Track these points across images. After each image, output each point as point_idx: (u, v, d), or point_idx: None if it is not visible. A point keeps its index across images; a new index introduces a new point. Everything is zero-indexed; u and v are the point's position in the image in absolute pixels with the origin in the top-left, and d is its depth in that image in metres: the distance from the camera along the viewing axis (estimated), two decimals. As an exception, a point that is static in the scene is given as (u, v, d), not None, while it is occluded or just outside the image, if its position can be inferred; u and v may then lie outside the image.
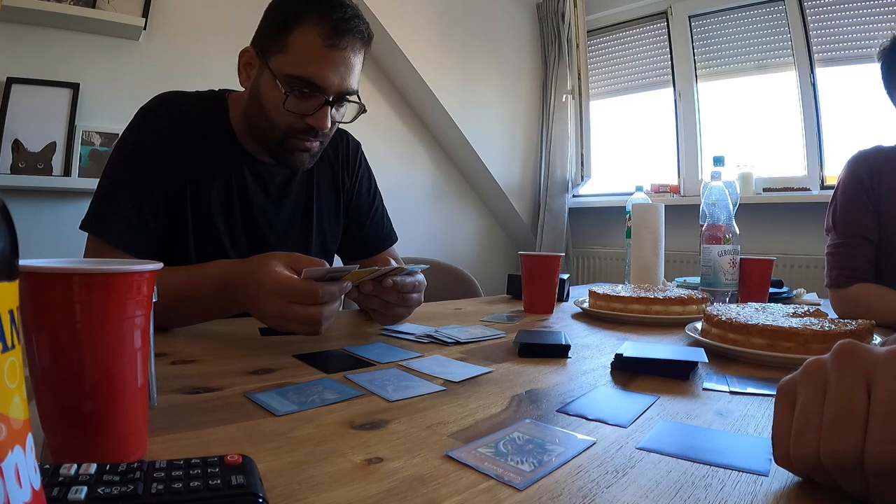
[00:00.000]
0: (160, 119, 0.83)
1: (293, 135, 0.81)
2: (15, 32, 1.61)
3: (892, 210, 1.04)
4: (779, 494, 0.30)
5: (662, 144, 2.79)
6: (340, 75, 0.78)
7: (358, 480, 0.30)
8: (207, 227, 0.85)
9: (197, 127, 0.84)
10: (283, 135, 0.81)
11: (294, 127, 0.80)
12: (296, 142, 0.81)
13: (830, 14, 2.27)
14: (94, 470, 0.25)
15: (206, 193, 0.84)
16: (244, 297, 0.65)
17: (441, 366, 0.57)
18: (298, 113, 0.79)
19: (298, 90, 0.77)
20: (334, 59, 0.77)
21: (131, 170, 0.79)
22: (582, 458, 0.34)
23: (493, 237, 3.08)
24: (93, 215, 0.77)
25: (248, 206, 0.89)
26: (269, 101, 0.79)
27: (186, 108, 0.85)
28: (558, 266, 1.00)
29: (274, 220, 0.92)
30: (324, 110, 0.79)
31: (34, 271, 0.28)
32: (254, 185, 0.89)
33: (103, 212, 0.77)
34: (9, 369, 0.17)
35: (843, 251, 1.06)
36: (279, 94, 0.77)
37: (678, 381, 0.53)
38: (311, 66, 0.76)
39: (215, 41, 1.98)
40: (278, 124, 0.80)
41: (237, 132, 0.87)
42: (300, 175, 0.95)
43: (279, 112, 0.78)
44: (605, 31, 3.00)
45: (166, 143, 0.81)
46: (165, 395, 0.44)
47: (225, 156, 0.86)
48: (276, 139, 0.82)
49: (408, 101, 2.64)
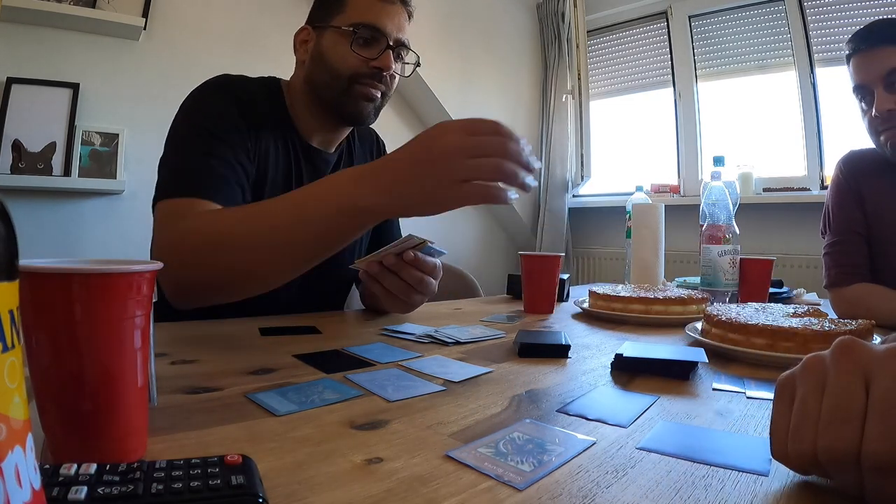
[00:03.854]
0: (231, 93, 0.84)
1: (358, 79, 0.86)
2: (15, 32, 1.61)
3: (876, 210, 1.04)
4: (779, 494, 0.30)
5: (662, 144, 2.79)
6: (396, 24, 0.87)
7: (358, 480, 0.30)
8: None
9: (260, 109, 0.87)
10: (349, 81, 0.86)
11: (360, 71, 0.85)
12: (361, 88, 0.86)
13: (830, 14, 2.27)
14: (94, 470, 0.25)
15: (268, 169, 0.86)
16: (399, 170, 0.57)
17: (441, 366, 0.57)
18: (365, 56, 0.85)
19: (362, 37, 0.85)
20: (389, 10, 0.86)
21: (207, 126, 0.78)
22: (582, 458, 0.34)
23: (493, 237, 3.08)
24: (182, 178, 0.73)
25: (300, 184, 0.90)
26: (335, 53, 0.85)
27: (249, 89, 0.88)
28: (558, 266, 1.00)
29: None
30: (387, 53, 0.86)
31: (34, 271, 0.28)
32: (309, 169, 0.93)
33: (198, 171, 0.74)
34: (9, 369, 0.17)
35: (839, 249, 1.07)
36: (345, 42, 0.84)
37: (678, 381, 0.53)
38: (371, 14, 0.85)
39: (215, 41, 1.98)
40: (344, 71, 0.85)
41: (293, 117, 0.92)
42: (344, 163, 1.00)
43: (346, 59, 0.84)
44: (605, 31, 3.00)
45: (235, 111, 0.82)
46: (165, 395, 0.44)
47: (285, 138, 0.90)
48: (341, 88, 0.86)
49: (408, 101, 2.64)
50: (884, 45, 0.95)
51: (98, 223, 1.76)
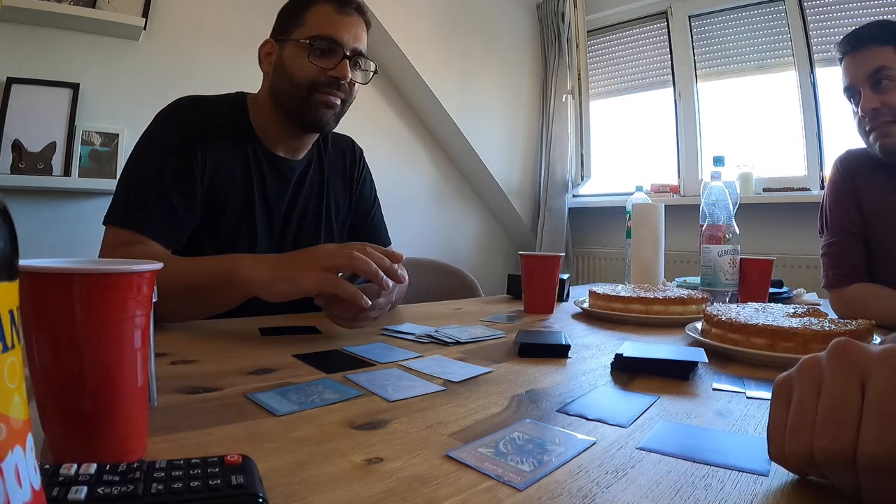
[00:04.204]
0: (183, 117, 0.88)
1: (317, 88, 0.89)
2: (15, 32, 1.61)
3: (873, 209, 1.04)
4: (779, 494, 0.30)
5: (662, 144, 2.79)
6: (352, 34, 0.91)
7: (358, 480, 0.30)
8: (229, 219, 0.90)
9: (218, 124, 0.91)
10: (308, 90, 0.89)
11: (318, 80, 0.89)
12: (320, 96, 0.90)
13: (830, 14, 2.27)
14: (94, 470, 0.25)
15: (226, 185, 0.90)
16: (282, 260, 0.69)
17: (441, 366, 0.57)
18: (322, 67, 0.89)
19: (319, 48, 0.89)
20: (346, 22, 0.91)
21: (160, 165, 0.83)
22: (582, 458, 0.34)
23: (493, 237, 3.08)
24: (122, 208, 0.81)
25: (265, 196, 0.95)
26: (294, 64, 0.89)
27: (207, 108, 0.92)
28: (558, 266, 1.00)
29: (290, 210, 0.98)
30: (344, 62, 0.90)
31: (34, 271, 0.28)
32: (274, 177, 0.96)
33: (135, 204, 0.81)
34: (9, 369, 0.17)
35: (836, 250, 1.07)
36: (303, 54, 0.88)
37: (678, 381, 0.53)
38: (328, 27, 0.89)
39: (215, 41, 1.98)
40: (303, 80, 0.89)
41: (256, 127, 0.95)
42: (313, 171, 1.03)
43: (304, 69, 0.88)
44: (605, 31, 3.00)
45: (191, 139, 0.86)
46: (165, 395, 0.44)
47: (246, 150, 0.93)
48: (301, 97, 0.90)
49: (408, 101, 2.64)
50: (869, 46, 0.96)
51: (98, 223, 1.74)
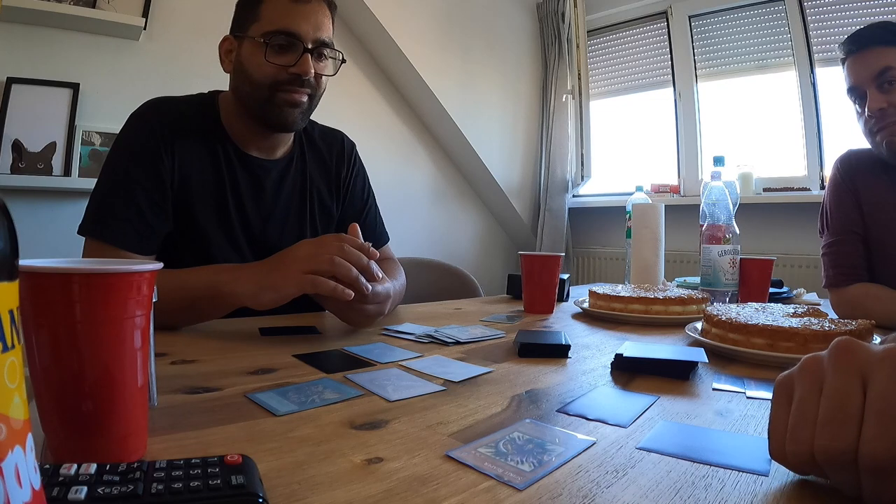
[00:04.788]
0: (151, 121, 0.84)
1: (279, 87, 0.84)
2: (15, 32, 1.61)
3: (874, 209, 1.05)
4: (779, 494, 0.30)
5: (662, 144, 2.79)
6: (311, 24, 0.84)
7: (358, 480, 0.30)
8: (203, 223, 0.86)
9: (188, 126, 0.86)
10: (270, 90, 0.84)
11: (279, 79, 0.83)
12: (283, 95, 0.84)
13: (830, 14, 2.27)
14: (94, 470, 0.25)
15: (200, 190, 0.86)
16: (260, 269, 0.69)
17: (441, 366, 0.57)
18: (281, 64, 0.83)
19: (276, 44, 0.83)
20: (303, 11, 0.83)
21: (127, 172, 0.80)
22: (582, 458, 0.34)
23: (493, 237, 3.08)
24: (92, 219, 0.78)
25: (240, 200, 0.90)
26: (252, 62, 0.84)
27: (176, 109, 0.87)
28: (558, 266, 1.00)
29: (269, 214, 0.93)
30: (304, 57, 0.83)
31: (34, 271, 0.28)
32: (247, 179, 0.91)
33: (103, 214, 0.78)
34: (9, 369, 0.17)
35: (837, 249, 1.07)
36: (260, 51, 0.82)
37: (678, 381, 0.53)
38: (284, 19, 0.82)
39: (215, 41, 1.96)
40: (262, 80, 0.83)
41: (227, 127, 0.90)
42: (294, 170, 0.97)
43: (262, 68, 0.83)
44: (605, 31, 3.00)
45: (158, 143, 0.82)
46: (165, 395, 0.44)
47: (217, 152, 0.88)
48: (263, 98, 0.84)
49: (408, 101, 2.64)
50: (874, 46, 0.95)
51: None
